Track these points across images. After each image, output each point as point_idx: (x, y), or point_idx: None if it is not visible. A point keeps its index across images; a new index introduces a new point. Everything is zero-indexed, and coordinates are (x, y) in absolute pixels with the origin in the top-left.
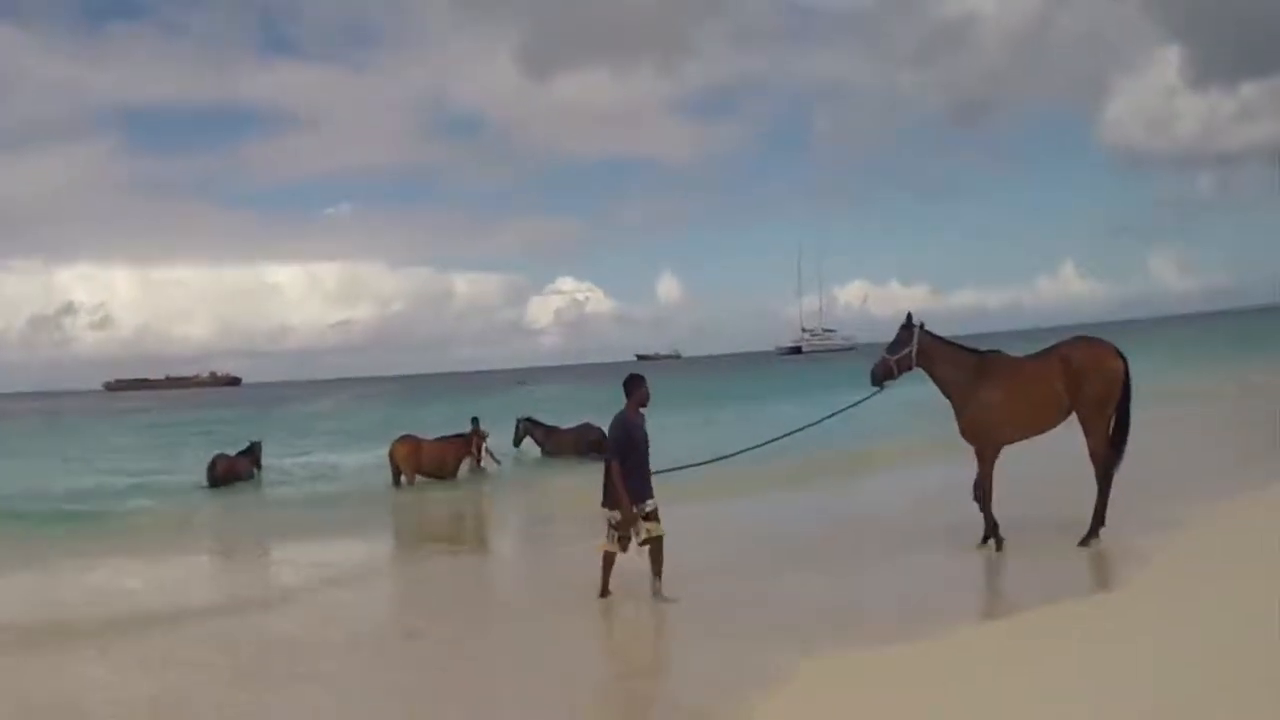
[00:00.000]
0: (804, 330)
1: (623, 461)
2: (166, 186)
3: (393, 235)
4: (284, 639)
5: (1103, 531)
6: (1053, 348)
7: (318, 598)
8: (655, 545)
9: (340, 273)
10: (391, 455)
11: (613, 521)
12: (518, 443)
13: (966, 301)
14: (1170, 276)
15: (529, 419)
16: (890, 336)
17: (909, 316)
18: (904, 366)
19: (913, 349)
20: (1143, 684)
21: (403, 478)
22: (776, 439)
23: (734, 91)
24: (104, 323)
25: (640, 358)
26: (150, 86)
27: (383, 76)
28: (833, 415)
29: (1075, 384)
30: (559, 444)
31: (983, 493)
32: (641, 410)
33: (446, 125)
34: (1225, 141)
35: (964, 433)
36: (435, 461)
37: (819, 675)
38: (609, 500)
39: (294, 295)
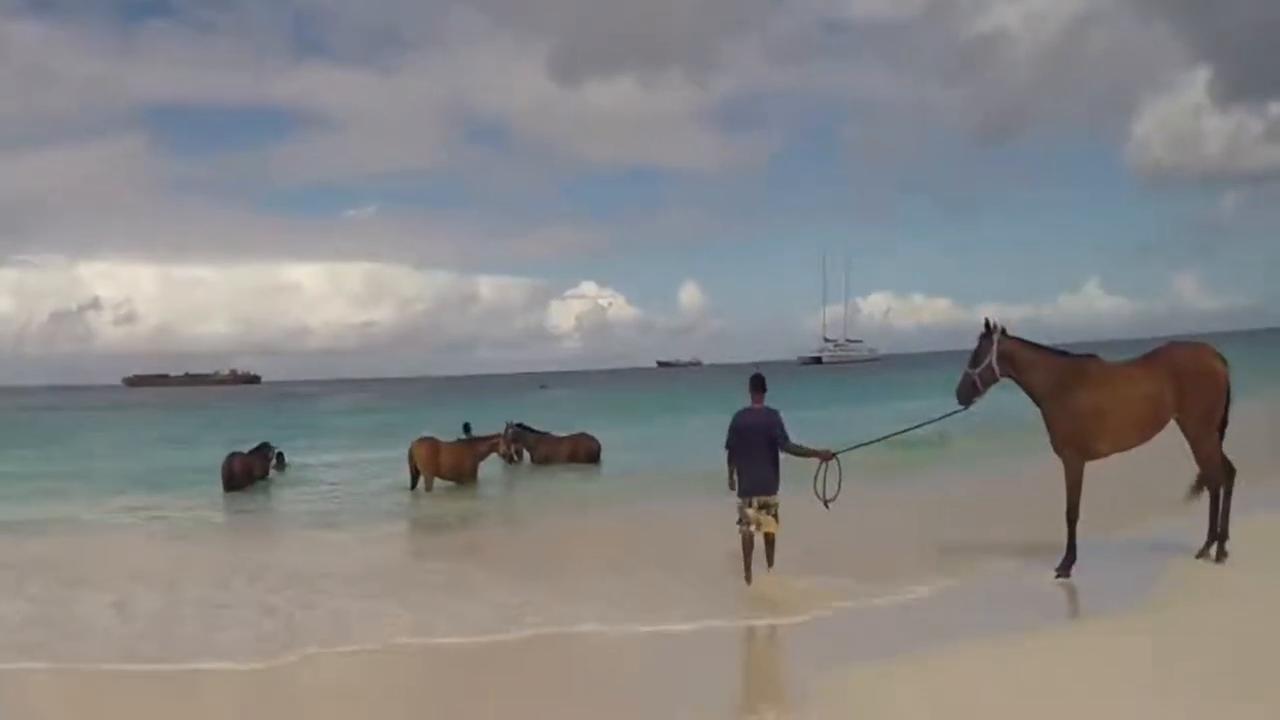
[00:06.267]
0: (826, 340)
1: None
2: (192, 185)
3: (417, 238)
4: None
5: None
6: (1155, 352)
7: None
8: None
9: (363, 274)
10: (411, 456)
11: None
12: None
13: (989, 315)
14: (1194, 295)
15: (519, 425)
16: (913, 348)
17: (986, 323)
18: (988, 379)
19: (992, 359)
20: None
21: (421, 480)
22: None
23: (762, 103)
24: (127, 319)
25: (662, 364)
26: (181, 85)
27: (412, 80)
28: (912, 429)
29: (1182, 392)
30: (551, 451)
31: (1070, 512)
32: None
33: (474, 130)
34: (1252, 161)
35: (1055, 444)
36: (454, 464)
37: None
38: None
39: (316, 295)
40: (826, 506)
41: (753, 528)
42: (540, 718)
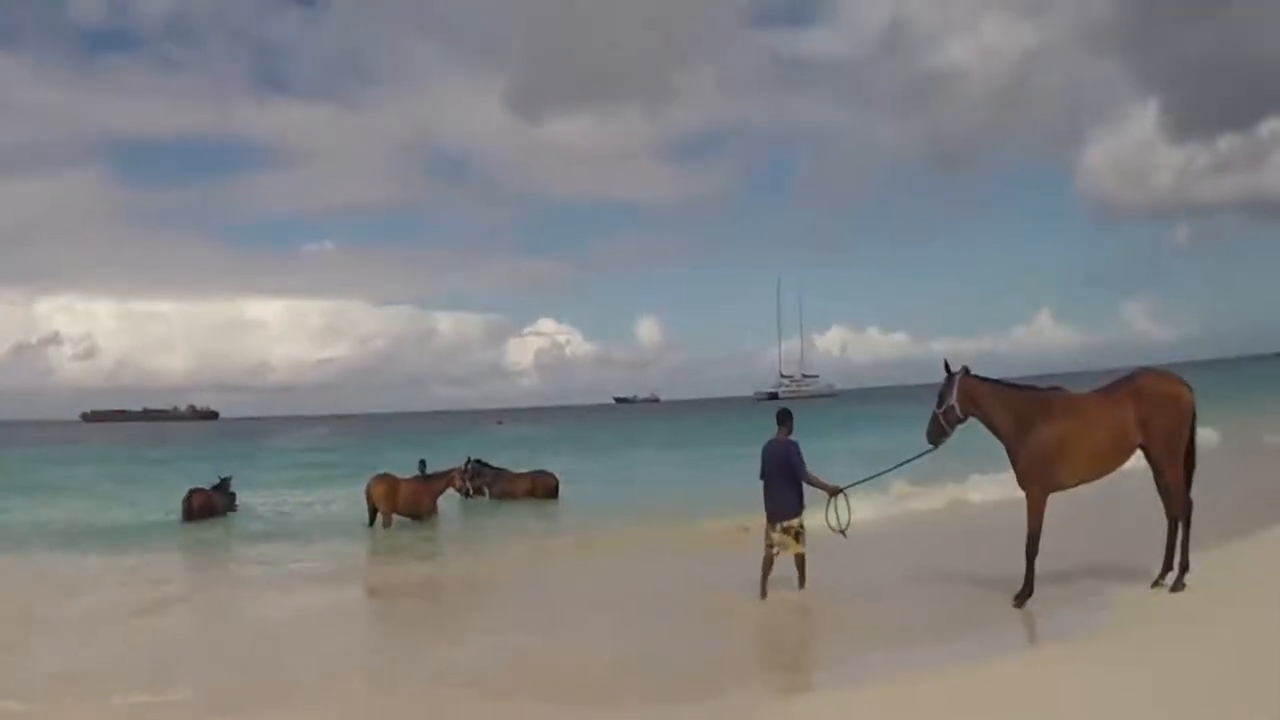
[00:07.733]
0: (782, 376)
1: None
2: (152, 218)
3: (376, 273)
4: None
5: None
6: (1119, 382)
7: None
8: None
9: (322, 309)
10: (368, 493)
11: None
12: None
13: (944, 349)
14: (1144, 325)
15: (477, 460)
16: (871, 382)
17: (946, 364)
18: (951, 420)
19: (953, 399)
20: None
21: (379, 517)
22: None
23: (718, 137)
24: (87, 353)
25: (619, 400)
26: (141, 119)
27: (372, 115)
28: (887, 471)
29: (1146, 417)
30: (510, 488)
31: (1030, 544)
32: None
33: (434, 165)
34: (1200, 194)
35: (1019, 479)
36: (411, 501)
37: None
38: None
39: (275, 331)
40: (844, 535)
41: (775, 550)
42: None
